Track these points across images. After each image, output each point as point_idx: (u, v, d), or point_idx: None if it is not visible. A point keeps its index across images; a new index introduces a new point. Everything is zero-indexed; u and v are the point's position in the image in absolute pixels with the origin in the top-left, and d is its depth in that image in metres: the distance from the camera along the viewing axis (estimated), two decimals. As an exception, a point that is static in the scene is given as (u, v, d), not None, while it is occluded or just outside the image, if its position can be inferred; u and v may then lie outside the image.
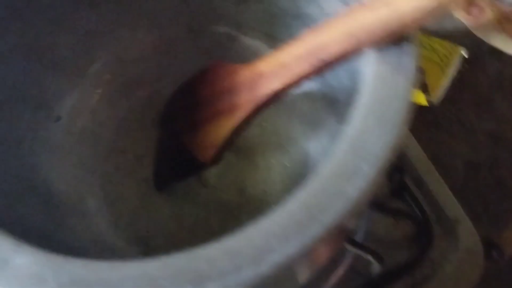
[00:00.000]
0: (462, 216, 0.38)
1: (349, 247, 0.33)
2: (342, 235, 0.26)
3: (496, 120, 0.53)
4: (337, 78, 0.34)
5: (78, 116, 0.38)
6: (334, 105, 0.35)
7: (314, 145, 0.36)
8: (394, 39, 0.21)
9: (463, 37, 0.54)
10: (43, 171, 0.35)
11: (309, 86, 0.36)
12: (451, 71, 0.51)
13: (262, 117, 0.33)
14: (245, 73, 0.30)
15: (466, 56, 0.52)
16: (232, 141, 0.32)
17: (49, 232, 0.32)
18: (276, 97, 0.28)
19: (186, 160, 0.36)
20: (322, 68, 0.24)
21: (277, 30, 0.38)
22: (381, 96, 0.21)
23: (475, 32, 0.54)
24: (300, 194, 0.20)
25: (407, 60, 0.21)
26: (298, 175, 0.36)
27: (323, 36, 0.23)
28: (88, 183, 0.37)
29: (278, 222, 0.19)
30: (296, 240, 0.19)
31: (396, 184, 0.38)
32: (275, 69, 0.27)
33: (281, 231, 0.19)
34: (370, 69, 0.21)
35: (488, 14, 0.48)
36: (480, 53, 0.56)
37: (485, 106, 0.54)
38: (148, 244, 0.36)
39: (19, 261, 0.20)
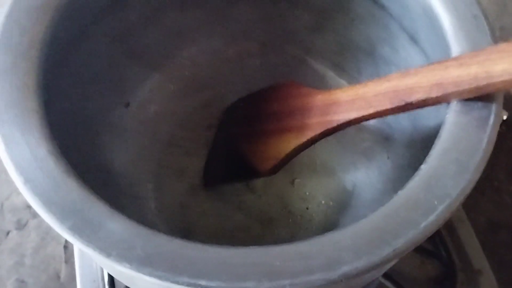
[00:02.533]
0: (486, 268, 0.39)
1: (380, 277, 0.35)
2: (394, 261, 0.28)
3: (524, 184, 0.54)
4: (396, 119, 0.36)
5: (147, 106, 0.41)
6: (389, 143, 0.37)
7: (362, 176, 0.39)
8: (484, 94, 0.23)
9: (505, 101, 0.55)
10: (106, 151, 0.38)
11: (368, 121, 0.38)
12: (489, 131, 0.53)
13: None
14: (320, 98, 0.32)
15: (505, 118, 0.54)
16: (293, 157, 0.34)
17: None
18: (346, 125, 0.30)
19: (239, 165, 0.38)
20: (402, 109, 0.26)
21: (345, 63, 0.40)
22: (460, 144, 0.23)
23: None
24: (373, 217, 0.22)
25: (489, 116, 0.23)
26: (341, 201, 0.39)
27: (410, 80, 0.26)
28: (143, 170, 0.40)
29: (351, 237, 0.21)
30: (366, 257, 0.21)
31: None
32: (353, 100, 0.29)
33: (353, 246, 0.21)
34: (453, 118, 0.24)
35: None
36: (519, 119, 0.57)
37: (516, 169, 0.56)
38: (188, 237, 0.38)
39: (112, 226, 0.22)
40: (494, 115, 0.23)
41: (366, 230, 0.22)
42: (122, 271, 0.21)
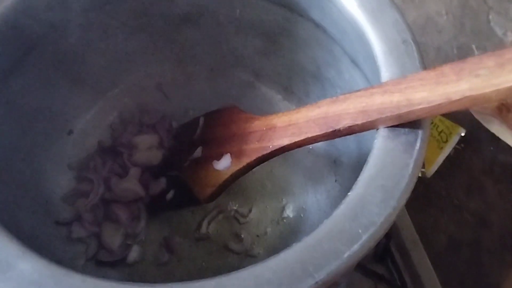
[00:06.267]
0: (438, 288, 0.39)
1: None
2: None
3: (483, 202, 0.54)
4: (344, 141, 0.35)
5: (90, 133, 0.40)
6: (337, 166, 0.37)
7: (311, 200, 0.38)
8: (406, 121, 0.23)
9: (463, 117, 0.56)
10: (47, 181, 0.37)
11: (317, 143, 0.37)
12: (448, 148, 0.53)
13: (267, 162, 0.34)
14: (258, 124, 0.31)
15: (463, 135, 0.53)
16: (230, 183, 0.33)
17: (37, 238, 0.33)
18: (280, 152, 0.30)
19: (182, 193, 0.37)
20: (331, 135, 0.26)
21: (293, 85, 0.40)
22: (387, 170, 0.22)
23: (475, 115, 0.55)
24: (296, 248, 0.21)
25: (415, 141, 0.23)
26: (291, 226, 0.38)
27: (339, 107, 0.25)
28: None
29: (273, 269, 0.21)
30: (287, 290, 0.20)
31: (381, 249, 0.40)
32: (287, 126, 0.29)
33: (275, 278, 0.20)
34: (381, 143, 0.23)
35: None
36: (477, 136, 0.58)
37: (475, 187, 0.55)
38: (136, 268, 0.37)
39: (22, 267, 0.21)
40: (421, 140, 0.23)
41: (288, 263, 0.21)
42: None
